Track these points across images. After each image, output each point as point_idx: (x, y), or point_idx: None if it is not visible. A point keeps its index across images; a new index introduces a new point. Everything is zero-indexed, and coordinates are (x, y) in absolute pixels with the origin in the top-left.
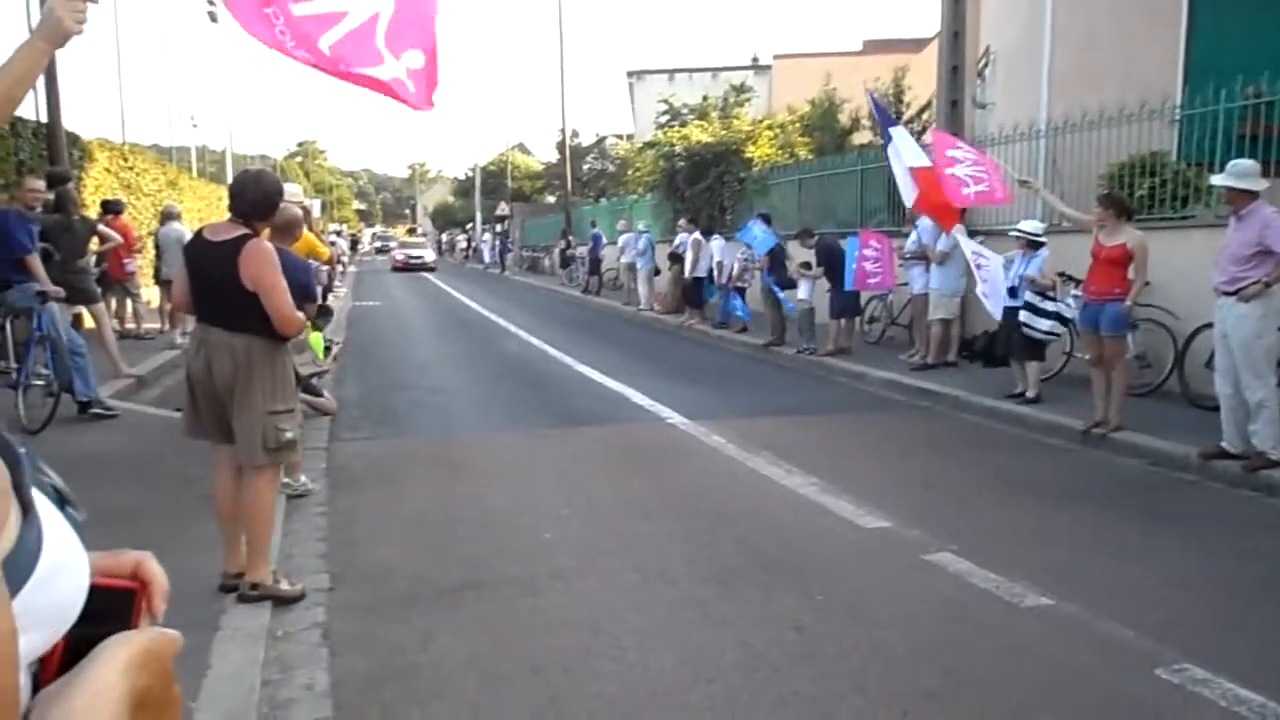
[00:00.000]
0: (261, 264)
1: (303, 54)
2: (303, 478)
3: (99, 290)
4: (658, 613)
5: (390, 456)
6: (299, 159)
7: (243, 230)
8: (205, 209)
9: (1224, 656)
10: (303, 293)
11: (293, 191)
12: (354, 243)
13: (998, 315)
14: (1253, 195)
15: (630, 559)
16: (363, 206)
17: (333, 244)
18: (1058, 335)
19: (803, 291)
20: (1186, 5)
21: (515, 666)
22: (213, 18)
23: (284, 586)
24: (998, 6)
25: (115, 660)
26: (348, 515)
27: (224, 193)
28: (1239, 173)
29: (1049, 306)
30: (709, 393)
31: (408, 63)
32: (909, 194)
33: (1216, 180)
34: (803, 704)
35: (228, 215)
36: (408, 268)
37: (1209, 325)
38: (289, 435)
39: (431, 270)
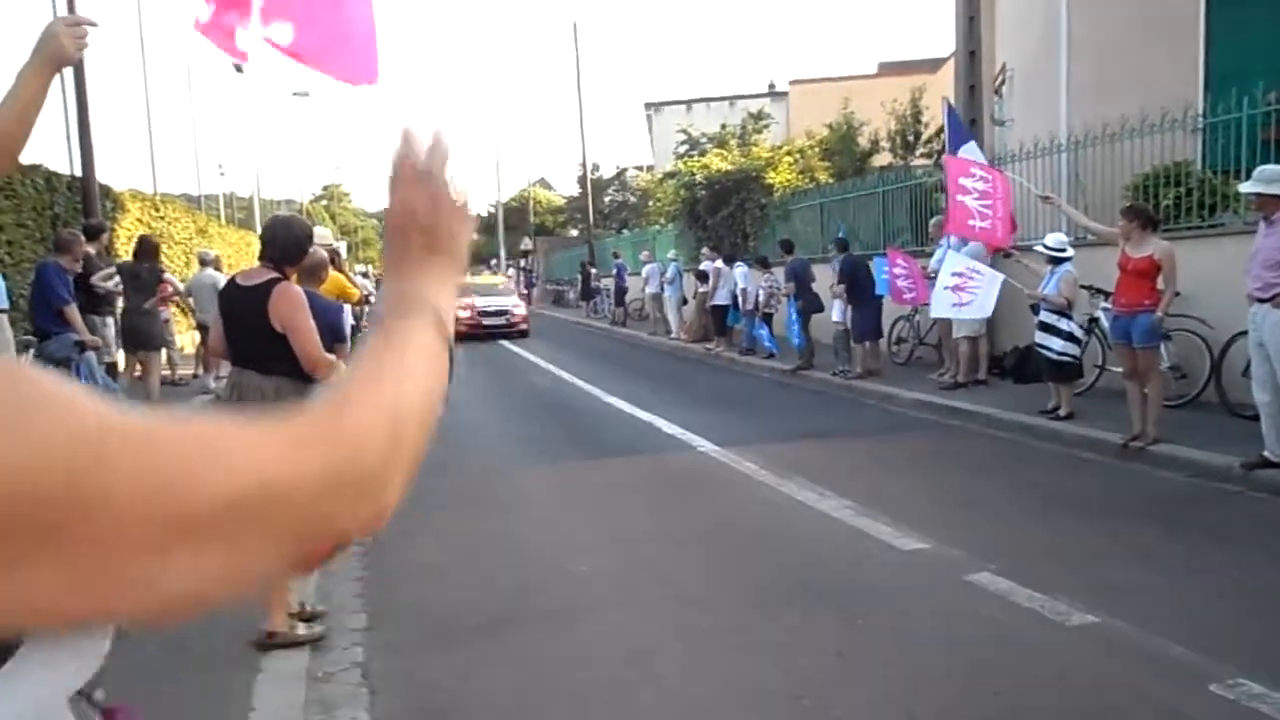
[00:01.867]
0: (291, 306)
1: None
2: None
3: (163, 335)
4: (697, 641)
5: (423, 491)
6: (324, 202)
7: (272, 274)
8: (235, 255)
9: (1275, 670)
10: (332, 333)
11: (322, 235)
12: (379, 283)
13: (980, 319)
14: (1277, 202)
15: (667, 588)
16: None
17: (360, 284)
18: (1072, 356)
19: (835, 314)
20: (1204, 13)
21: (555, 699)
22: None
23: (301, 631)
24: (1013, 23)
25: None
26: (383, 553)
27: (253, 238)
28: (1268, 178)
29: (1063, 326)
30: (738, 419)
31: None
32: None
33: (1245, 188)
34: None
35: (258, 261)
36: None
37: (1244, 333)
38: None
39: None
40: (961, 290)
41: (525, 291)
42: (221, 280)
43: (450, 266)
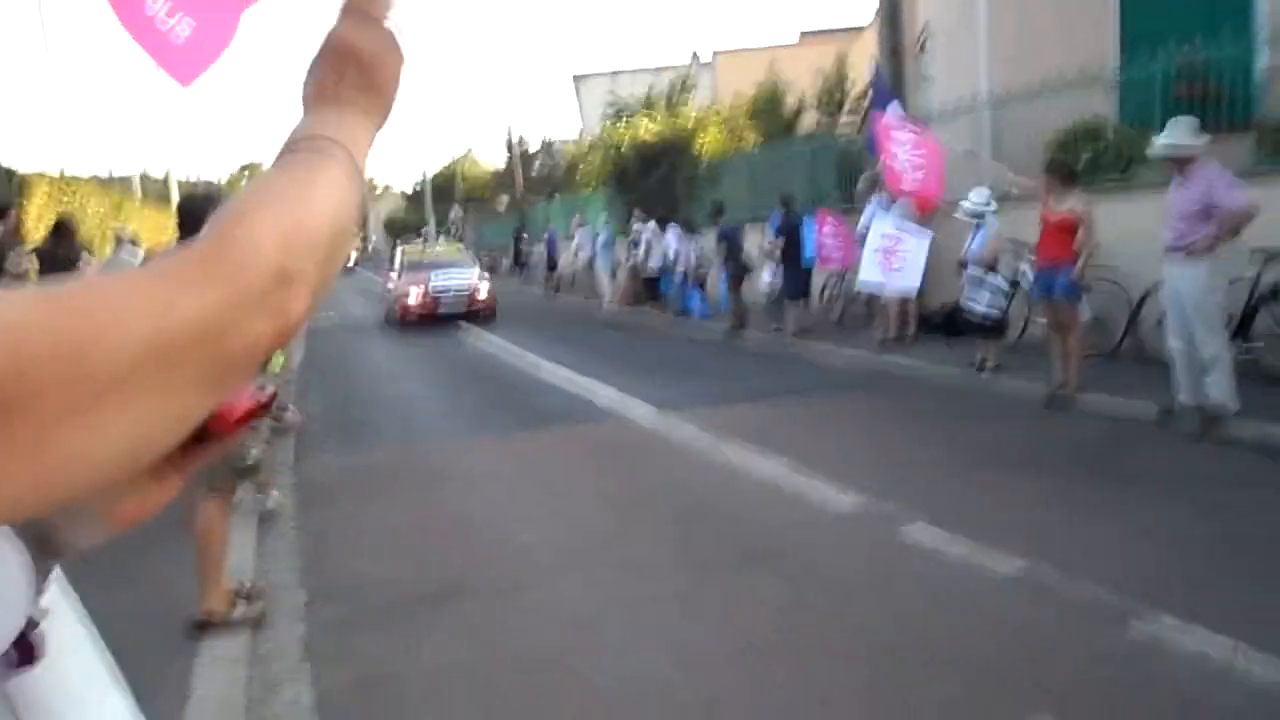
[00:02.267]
0: None
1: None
2: (274, 493)
3: None
4: (640, 607)
5: (360, 468)
6: (244, 181)
7: None
8: (153, 235)
9: (1193, 605)
10: None
11: None
12: None
13: (911, 285)
14: (1194, 153)
15: (609, 555)
16: None
17: None
18: (998, 313)
19: (766, 275)
20: None
21: (501, 669)
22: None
23: (240, 611)
24: None
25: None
26: (321, 530)
27: (167, 218)
28: (1179, 132)
29: (989, 282)
30: (675, 384)
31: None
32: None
33: (1159, 141)
34: (792, 686)
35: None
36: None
37: (1159, 284)
38: (254, 453)
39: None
40: (891, 254)
41: None
42: (140, 259)
43: (381, 107)
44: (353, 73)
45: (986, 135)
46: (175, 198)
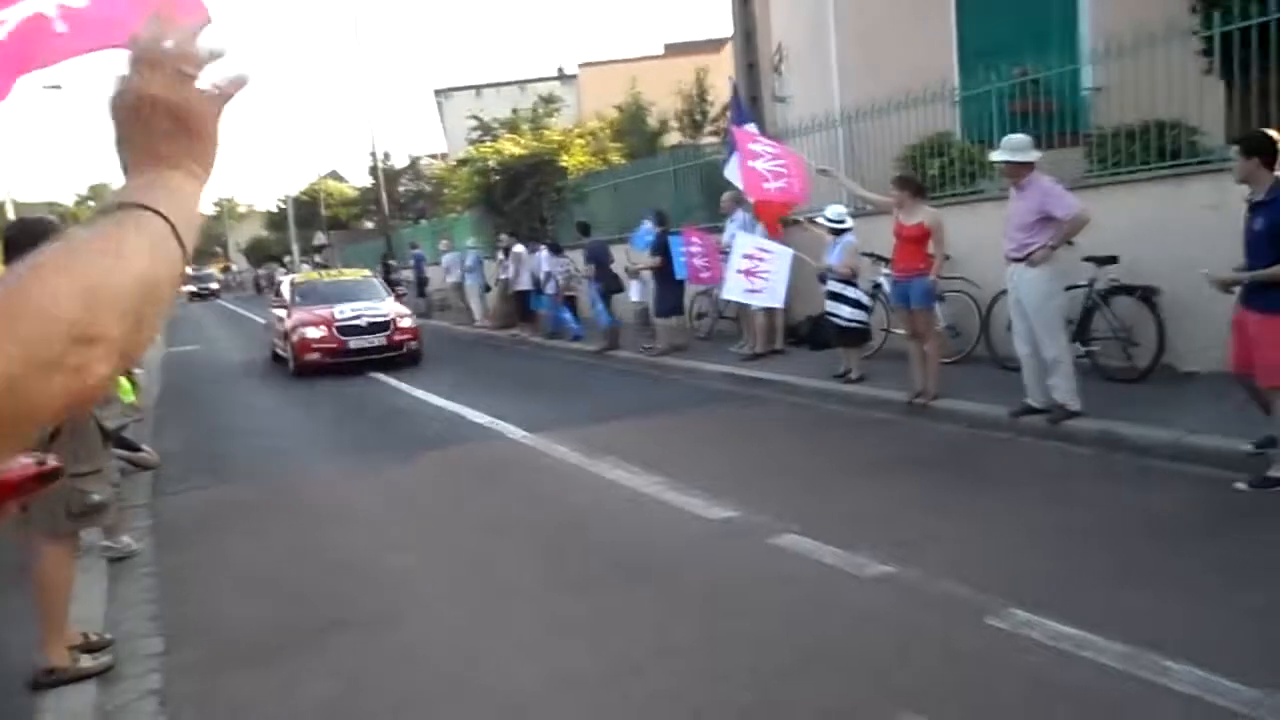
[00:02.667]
0: None
1: None
2: (125, 538)
3: None
4: (518, 628)
5: (222, 505)
6: (91, 203)
7: None
8: None
9: (1044, 597)
10: None
11: None
12: None
13: (776, 304)
14: (1029, 166)
15: (486, 579)
16: None
17: None
18: (860, 323)
19: (634, 293)
20: None
21: (378, 706)
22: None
23: (85, 663)
24: (786, 4)
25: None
26: (180, 572)
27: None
28: (1013, 147)
29: (850, 294)
30: (548, 404)
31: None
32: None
33: (995, 156)
34: (668, 699)
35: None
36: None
37: (1005, 292)
38: (96, 497)
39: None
40: (754, 275)
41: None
42: None
43: (203, 162)
44: (166, 127)
45: (841, 151)
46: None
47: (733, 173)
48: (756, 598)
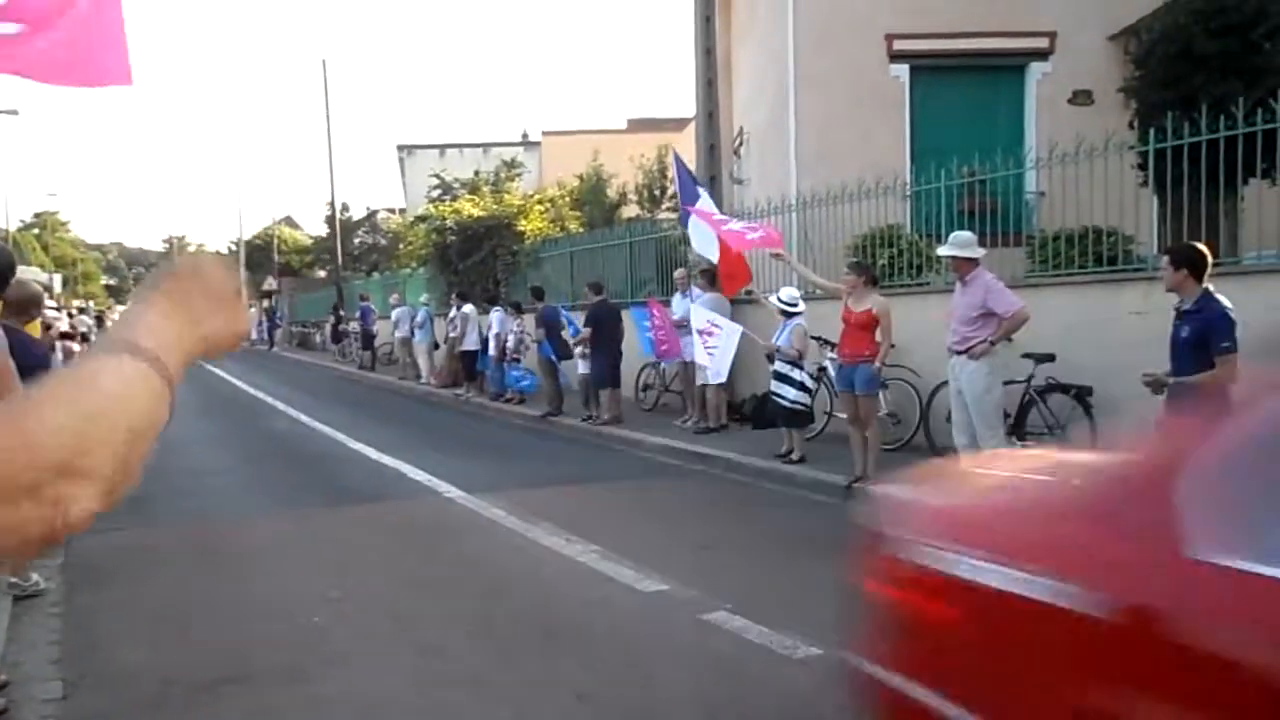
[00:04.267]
0: None
1: None
2: (34, 576)
3: None
4: (436, 691)
5: (139, 547)
6: (35, 230)
7: None
8: None
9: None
10: (40, 365)
11: (32, 276)
12: (100, 320)
13: (718, 380)
14: (974, 263)
15: (406, 637)
16: (113, 282)
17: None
18: (804, 405)
19: (581, 366)
20: (908, 92)
21: None
22: None
23: None
24: (748, 90)
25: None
26: (88, 614)
27: None
28: (960, 243)
29: (795, 375)
30: (487, 465)
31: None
32: (714, 253)
33: (942, 251)
34: None
35: None
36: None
37: (945, 383)
38: None
39: None
40: (705, 339)
41: (267, 336)
42: None
43: (205, 341)
44: (200, 306)
45: (794, 235)
46: None
47: (704, 245)
48: (683, 673)
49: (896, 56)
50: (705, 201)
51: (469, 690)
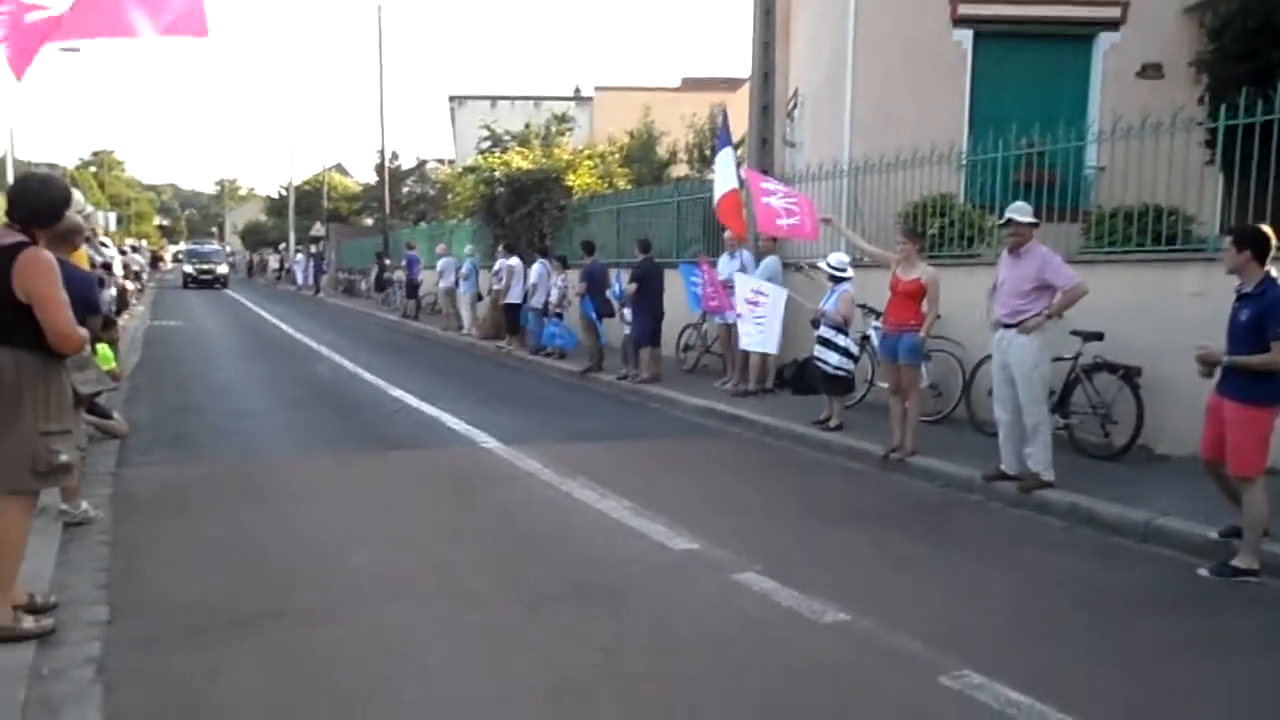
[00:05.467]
0: (40, 275)
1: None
2: (84, 504)
3: None
4: (467, 638)
5: (185, 482)
6: (93, 169)
7: (19, 238)
8: None
9: (998, 662)
10: (86, 307)
11: (77, 201)
12: (155, 260)
13: (771, 350)
14: (1031, 231)
15: (440, 584)
16: (166, 222)
17: (131, 259)
18: (846, 372)
19: (624, 325)
20: (970, 59)
21: (315, 697)
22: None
23: (28, 625)
24: (804, 51)
25: None
26: (134, 544)
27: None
28: (1021, 209)
29: (840, 341)
30: (526, 417)
31: None
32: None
33: (1010, 212)
34: None
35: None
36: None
37: (989, 357)
38: (63, 458)
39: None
40: (753, 320)
41: (314, 281)
42: None
43: None
44: None
45: (845, 201)
46: (11, 178)
47: (721, 183)
48: (710, 632)
49: (960, 21)
50: (724, 156)
51: (499, 639)
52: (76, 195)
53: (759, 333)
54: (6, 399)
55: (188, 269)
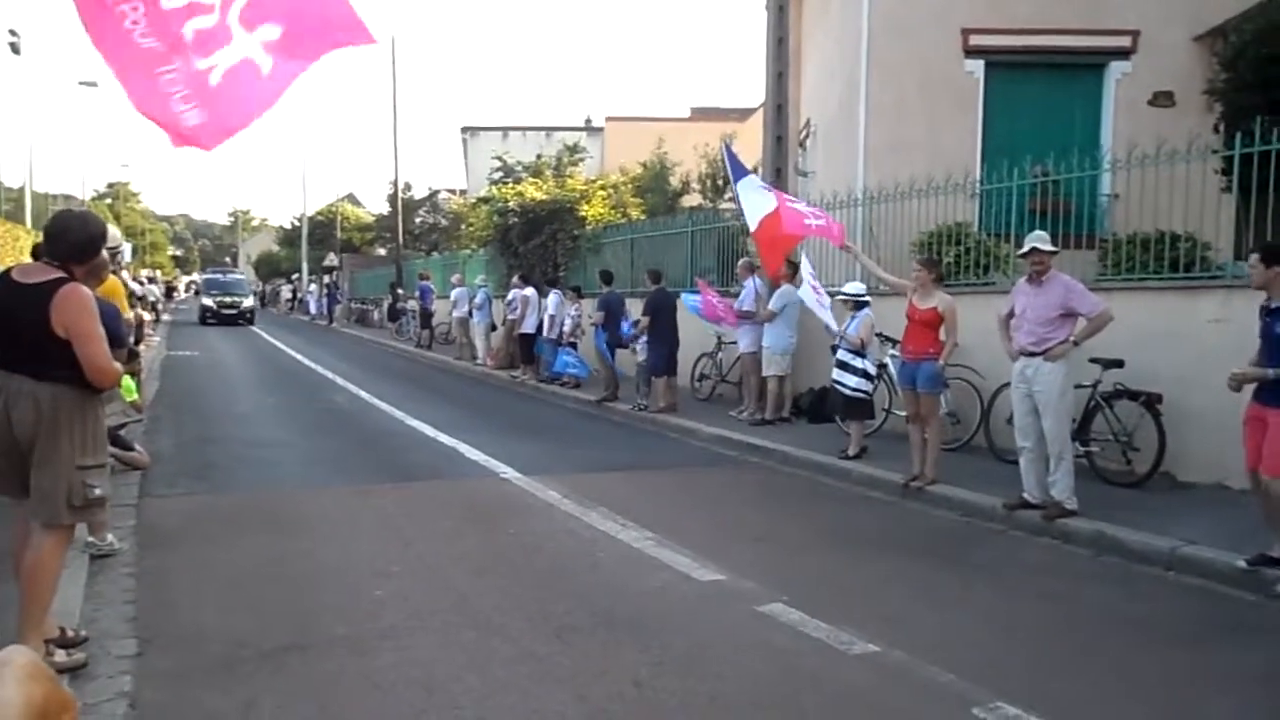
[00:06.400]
0: (79, 310)
1: (152, 43)
2: (109, 536)
3: None
4: (495, 670)
5: (207, 513)
6: (108, 200)
7: (58, 273)
8: (0, 249)
9: (1032, 694)
10: (112, 340)
11: (114, 236)
12: (169, 290)
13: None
14: (1050, 259)
15: (465, 616)
16: (179, 253)
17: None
18: (865, 393)
19: (640, 353)
20: (982, 88)
21: None
22: (15, 49)
23: (60, 658)
24: (817, 82)
25: (6, 674)
26: (159, 575)
27: (21, 232)
28: (1042, 238)
29: (857, 364)
30: (543, 447)
31: (262, 36)
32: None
33: (1030, 241)
34: None
35: (31, 257)
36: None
37: (1008, 384)
38: (98, 492)
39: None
40: (819, 292)
41: (326, 311)
42: None
43: None
44: None
45: (859, 230)
46: (30, 211)
47: (752, 211)
48: (740, 664)
49: (972, 51)
50: (747, 183)
51: (528, 670)
52: (112, 230)
53: (825, 307)
54: (45, 433)
55: (206, 302)
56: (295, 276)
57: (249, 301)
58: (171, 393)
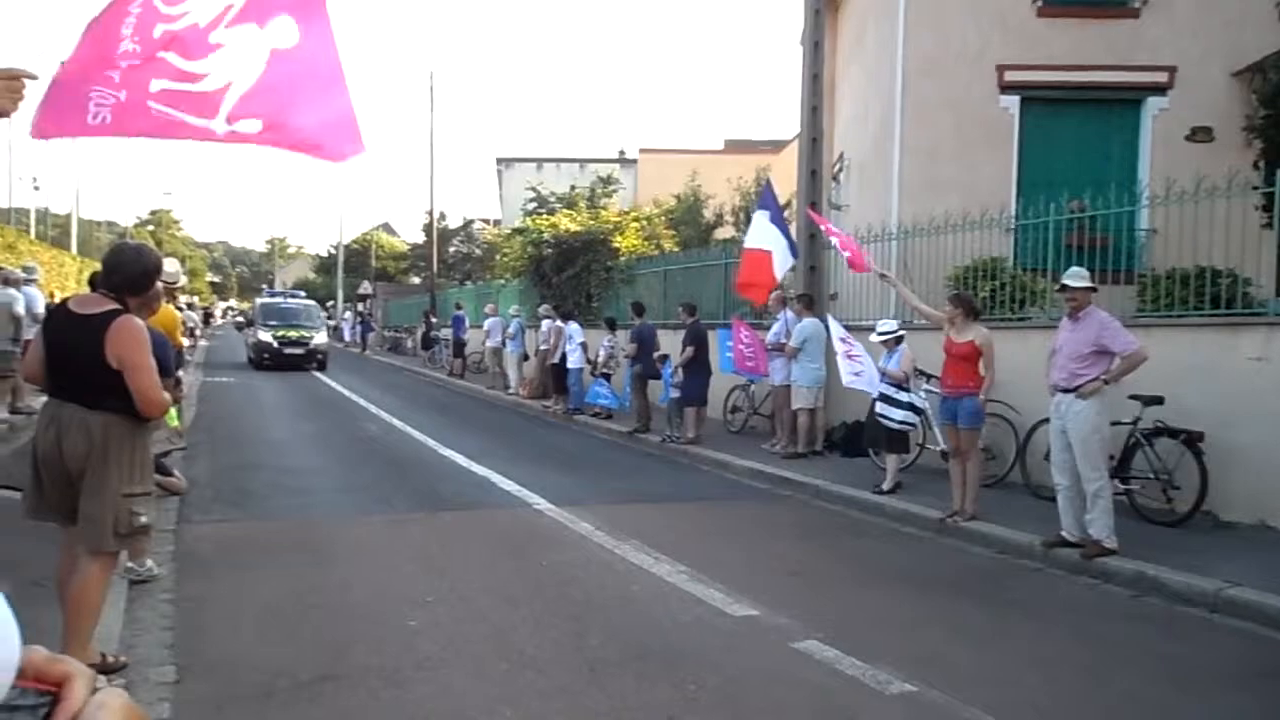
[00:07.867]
0: (132, 342)
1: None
2: (149, 561)
3: None
4: (528, 704)
5: (243, 540)
6: (150, 227)
7: (112, 305)
8: (47, 275)
9: None
10: (163, 369)
11: (170, 270)
12: (207, 316)
13: (873, 390)
14: (1088, 296)
15: (498, 647)
16: (217, 279)
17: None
18: (911, 425)
19: (669, 387)
20: (1018, 124)
21: None
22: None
23: (100, 684)
24: (851, 115)
25: (104, 717)
26: (197, 602)
27: (67, 258)
28: (1078, 275)
29: (902, 398)
30: (575, 479)
31: (241, 127)
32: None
33: (1066, 279)
34: None
35: (89, 287)
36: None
37: (1046, 420)
38: (144, 519)
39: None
40: (851, 358)
41: (360, 339)
42: (23, 302)
43: None
44: None
45: (894, 263)
46: (75, 238)
47: (756, 240)
48: (775, 701)
49: (1008, 87)
50: (759, 221)
51: (563, 705)
52: (172, 264)
53: (857, 374)
54: (95, 462)
55: (264, 337)
56: (330, 304)
57: (320, 338)
58: (209, 418)
